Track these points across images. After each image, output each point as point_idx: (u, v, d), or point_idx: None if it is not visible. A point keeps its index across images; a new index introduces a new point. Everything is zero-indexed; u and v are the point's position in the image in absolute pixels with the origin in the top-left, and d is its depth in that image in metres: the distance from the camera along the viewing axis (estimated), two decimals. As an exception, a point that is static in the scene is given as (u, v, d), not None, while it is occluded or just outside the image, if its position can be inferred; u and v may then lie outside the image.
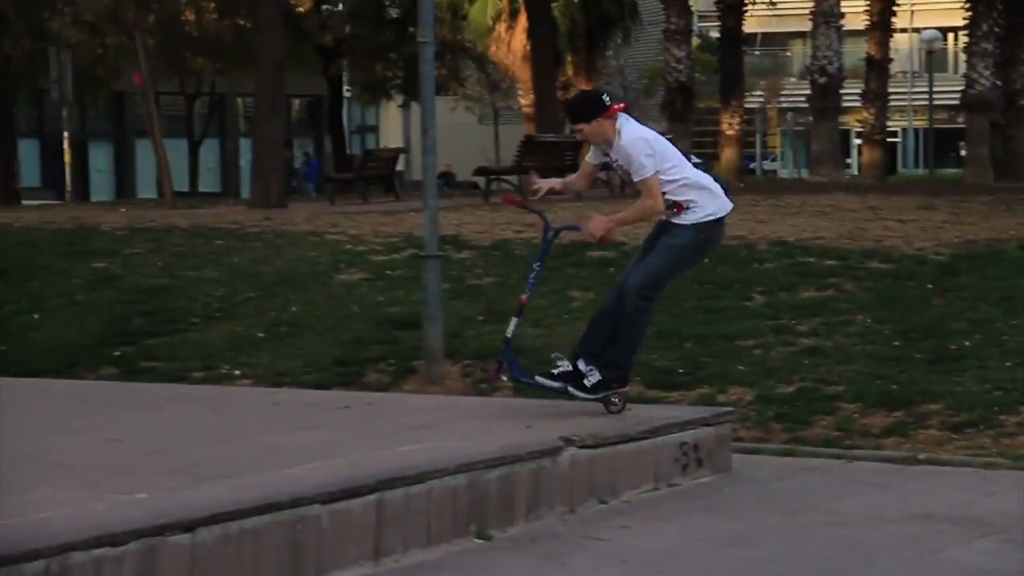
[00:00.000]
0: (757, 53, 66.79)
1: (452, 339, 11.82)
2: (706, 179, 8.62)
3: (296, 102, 54.07)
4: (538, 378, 8.73)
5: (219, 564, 6.11)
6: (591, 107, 8.53)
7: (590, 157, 8.83)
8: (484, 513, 7.36)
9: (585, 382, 8.55)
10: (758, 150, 60.66)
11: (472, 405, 9.82)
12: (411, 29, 35.86)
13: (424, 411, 9.07)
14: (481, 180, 27.49)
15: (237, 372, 11.97)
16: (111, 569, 5.72)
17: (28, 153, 48.53)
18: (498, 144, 54.41)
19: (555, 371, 8.65)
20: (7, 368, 12.12)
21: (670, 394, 10.87)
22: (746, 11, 36.77)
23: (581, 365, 8.55)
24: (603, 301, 8.86)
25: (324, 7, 39.29)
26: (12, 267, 15.57)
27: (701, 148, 57.74)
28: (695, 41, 39.39)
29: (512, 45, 39.51)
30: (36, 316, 13.82)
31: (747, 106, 42.30)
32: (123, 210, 25.32)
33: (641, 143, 8.41)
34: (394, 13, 39.65)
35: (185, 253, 15.88)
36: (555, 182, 8.88)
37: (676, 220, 8.50)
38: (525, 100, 39.92)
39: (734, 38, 36.03)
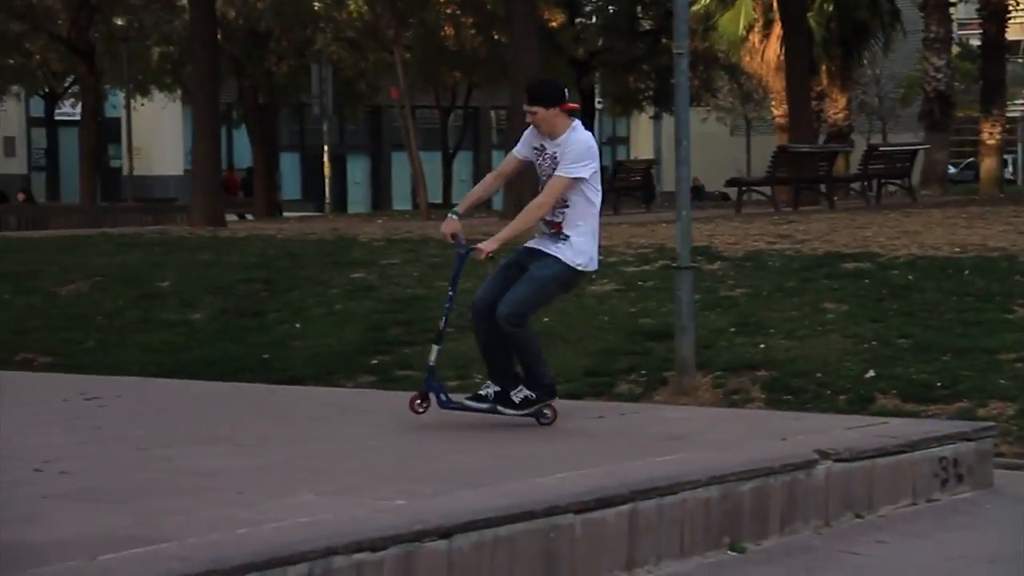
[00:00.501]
0: (1021, 61, 65.01)
1: (703, 350, 11.76)
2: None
3: (548, 114, 54.47)
4: (466, 401, 8.81)
5: (475, 571, 6.18)
6: (555, 94, 8.60)
7: (517, 151, 8.80)
8: (738, 525, 7.32)
9: (513, 397, 8.60)
10: (1021, 159, 59.00)
11: (724, 416, 9.78)
12: (664, 40, 35.81)
13: (676, 422, 9.06)
14: (733, 191, 27.31)
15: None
16: (371, 573, 5.82)
17: (290, 166, 49.98)
18: (750, 155, 54.05)
19: (482, 392, 8.74)
20: (270, 375, 12.48)
21: (928, 408, 10.66)
22: (1010, 17, 35.81)
23: (507, 386, 8.62)
24: (477, 336, 8.73)
25: (578, 20, 39.49)
26: (276, 277, 16.00)
27: (960, 158, 56.48)
28: (955, 49, 38.50)
29: (766, 55, 39.00)
30: (297, 325, 14.18)
31: (1009, 115, 41.21)
32: (380, 221, 25.84)
33: (591, 150, 8.52)
34: (647, 25, 39.64)
35: (440, 264, 16.11)
36: (456, 225, 8.72)
37: (550, 251, 8.51)
38: (778, 111, 39.47)
39: (996, 45, 35.08)
